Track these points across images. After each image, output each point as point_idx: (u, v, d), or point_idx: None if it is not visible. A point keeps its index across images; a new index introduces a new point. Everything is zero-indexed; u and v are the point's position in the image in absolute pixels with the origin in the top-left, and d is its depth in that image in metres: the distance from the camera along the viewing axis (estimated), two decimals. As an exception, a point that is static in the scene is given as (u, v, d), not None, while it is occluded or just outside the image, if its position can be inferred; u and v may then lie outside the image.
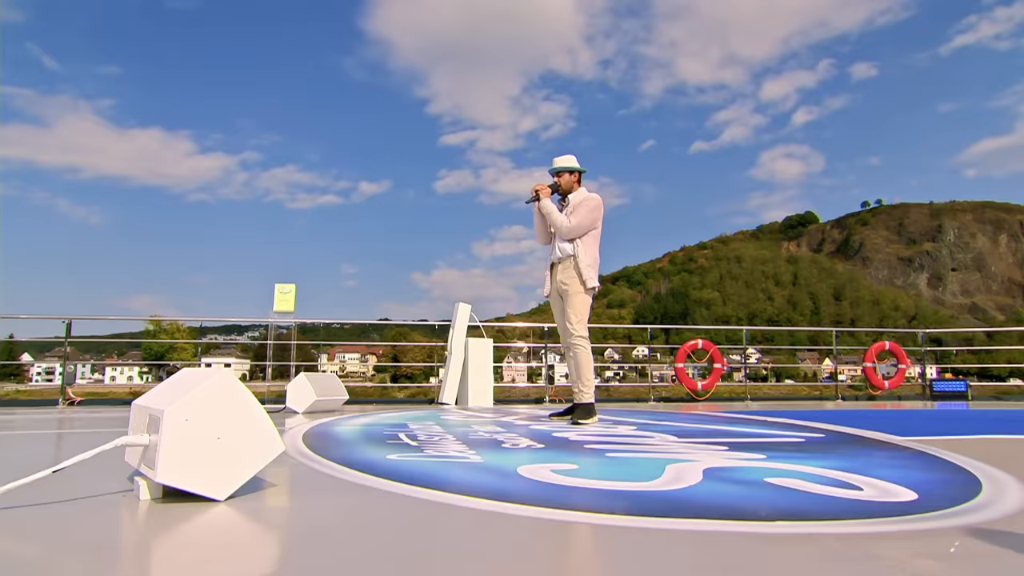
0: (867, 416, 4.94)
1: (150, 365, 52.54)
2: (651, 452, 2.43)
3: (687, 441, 2.78)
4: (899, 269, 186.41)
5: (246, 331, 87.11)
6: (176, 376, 1.78)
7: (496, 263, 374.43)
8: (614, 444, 2.73)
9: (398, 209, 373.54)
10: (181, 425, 1.47)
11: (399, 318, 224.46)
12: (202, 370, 1.66)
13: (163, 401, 1.55)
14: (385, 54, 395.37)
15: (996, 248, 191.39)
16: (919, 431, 3.34)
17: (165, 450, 1.44)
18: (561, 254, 4.18)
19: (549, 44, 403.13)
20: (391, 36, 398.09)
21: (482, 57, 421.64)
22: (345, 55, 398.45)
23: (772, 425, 3.67)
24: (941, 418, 4.84)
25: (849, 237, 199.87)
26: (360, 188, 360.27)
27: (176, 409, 1.47)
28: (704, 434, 3.11)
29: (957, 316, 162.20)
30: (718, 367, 9.00)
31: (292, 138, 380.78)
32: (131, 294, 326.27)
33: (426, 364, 64.65)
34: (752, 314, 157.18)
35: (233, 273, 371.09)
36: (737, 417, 4.45)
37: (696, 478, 1.85)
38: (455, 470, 2.03)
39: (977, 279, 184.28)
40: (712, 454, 2.35)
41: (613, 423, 3.89)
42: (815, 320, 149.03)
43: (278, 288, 6.54)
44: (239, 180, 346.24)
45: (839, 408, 6.54)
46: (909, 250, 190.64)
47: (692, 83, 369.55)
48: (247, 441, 1.56)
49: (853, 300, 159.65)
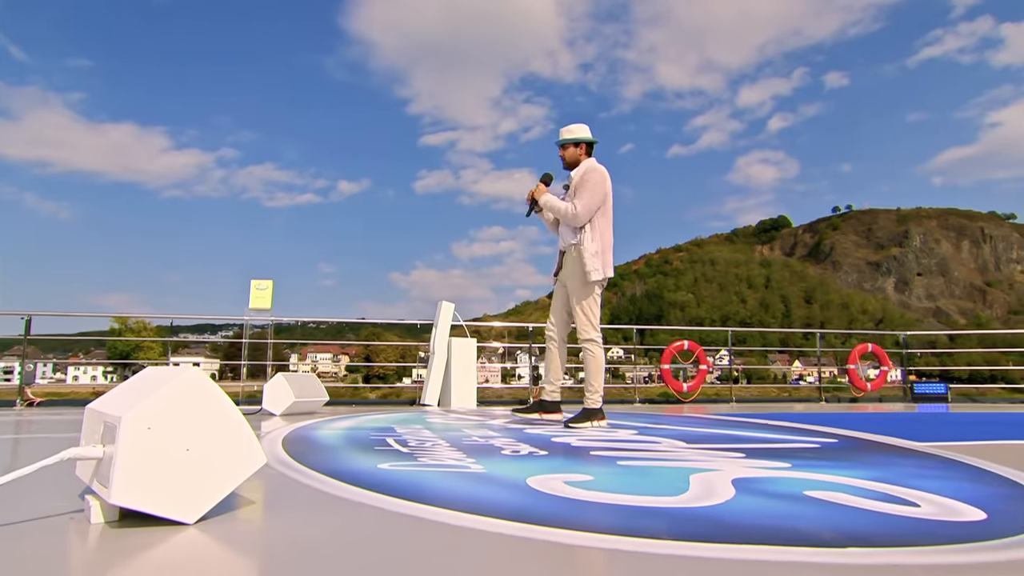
0: (869, 420, 4.85)
1: (115, 364, 50.96)
2: (665, 460, 2.25)
3: (699, 447, 2.61)
4: (867, 273, 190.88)
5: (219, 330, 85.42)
6: (139, 376, 1.53)
7: (475, 264, 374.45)
8: (622, 451, 2.54)
9: (377, 209, 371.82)
10: (142, 434, 1.23)
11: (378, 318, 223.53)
12: (168, 369, 1.41)
13: (121, 406, 1.30)
14: (366, 54, 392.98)
15: (959, 254, 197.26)
16: (932, 436, 3.21)
17: (122, 464, 1.20)
18: (564, 244, 3.82)
19: (530, 47, 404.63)
20: (372, 36, 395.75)
21: (463, 58, 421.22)
22: (326, 54, 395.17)
23: (778, 429, 3.53)
24: (946, 422, 4.76)
25: (820, 241, 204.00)
26: (339, 187, 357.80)
27: (136, 415, 1.22)
28: (713, 439, 2.94)
29: (922, 320, 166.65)
30: (703, 368, 8.90)
31: (270, 136, 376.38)
32: (101, 292, 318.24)
33: (399, 364, 64.86)
34: (725, 316, 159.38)
35: (208, 271, 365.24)
36: (738, 421, 4.31)
37: (727, 491, 1.66)
38: (457, 482, 1.82)
39: (941, 284, 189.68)
40: (731, 462, 2.18)
41: (611, 427, 3.70)
42: (786, 322, 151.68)
43: (254, 285, 6.22)
44: (215, 177, 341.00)
45: (834, 411, 6.47)
46: (877, 255, 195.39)
47: (670, 88, 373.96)
48: (222, 452, 1.32)
49: (823, 303, 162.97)
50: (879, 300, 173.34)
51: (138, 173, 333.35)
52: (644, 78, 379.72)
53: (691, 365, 9.01)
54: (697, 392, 8.84)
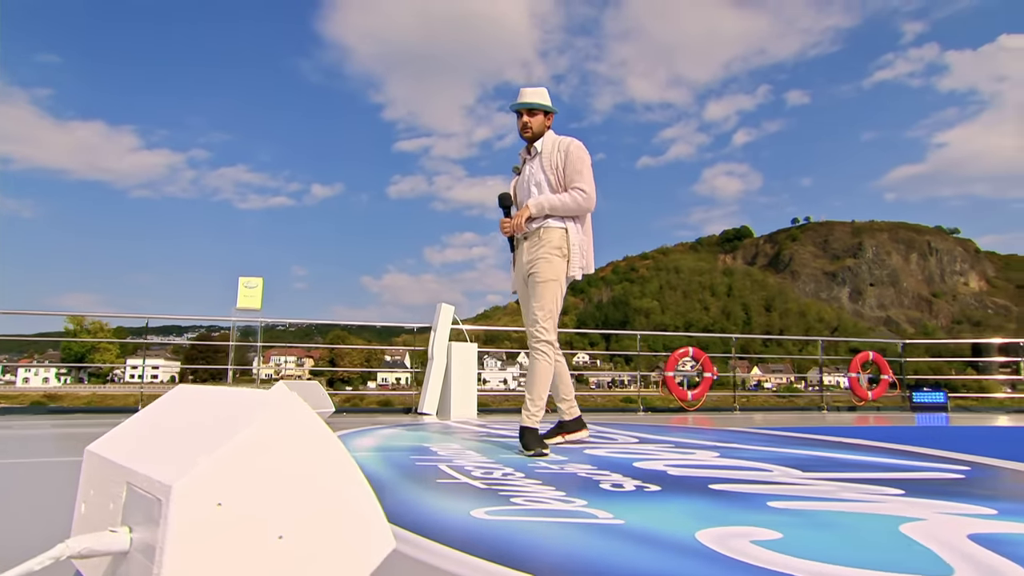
0: (936, 434, 4.49)
1: (69, 367, 48.31)
2: (822, 500, 1.76)
3: (832, 479, 2.13)
4: (824, 283, 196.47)
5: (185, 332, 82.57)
6: (175, 399, 0.96)
7: (447, 269, 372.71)
8: (741, 483, 2.04)
9: (351, 213, 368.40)
10: (207, 515, 0.68)
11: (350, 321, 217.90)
12: (237, 392, 0.85)
13: (162, 460, 0.75)
14: (342, 59, 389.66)
15: (908, 266, 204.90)
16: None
17: (176, 568, 0.65)
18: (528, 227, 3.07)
19: (504, 57, 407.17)
20: (348, 41, 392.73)
21: (438, 66, 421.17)
22: (302, 58, 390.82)
23: (870, 450, 3.09)
24: (1009, 437, 4.43)
25: (780, 251, 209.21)
26: (313, 190, 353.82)
27: (196, 484, 0.67)
28: (825, 465, 2.48)
29: (874, 328, 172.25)
30: (708, 376, 8.54)
31: (243, 138, 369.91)
32: (64, 292, 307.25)
33: (364, 369, 63.18)
34: (688, 323, 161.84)
35: (177, 272, 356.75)
36: (804, 438, 3.86)
37: (991, 560, 1.18)
38: (600, 541, 1.30)
39: (891, 294, 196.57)
40: (913, 505, 1.71)
41: (676, 445, 3.22)
42: (747, 329, 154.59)
43: (242, 283, 5.57)
44: (186, 178, 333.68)
45: (878, 424, 6.14)
46: (833, 265, 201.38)
47: (640, 101, 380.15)
48: (332, 536, 0.78)
49: (782, 311, 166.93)
50: (834, 309, 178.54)
51: (105, 172, 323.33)
52: (615, 91, 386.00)
53: (695, 373, 8.65)
54: (702, 400, 8.47)
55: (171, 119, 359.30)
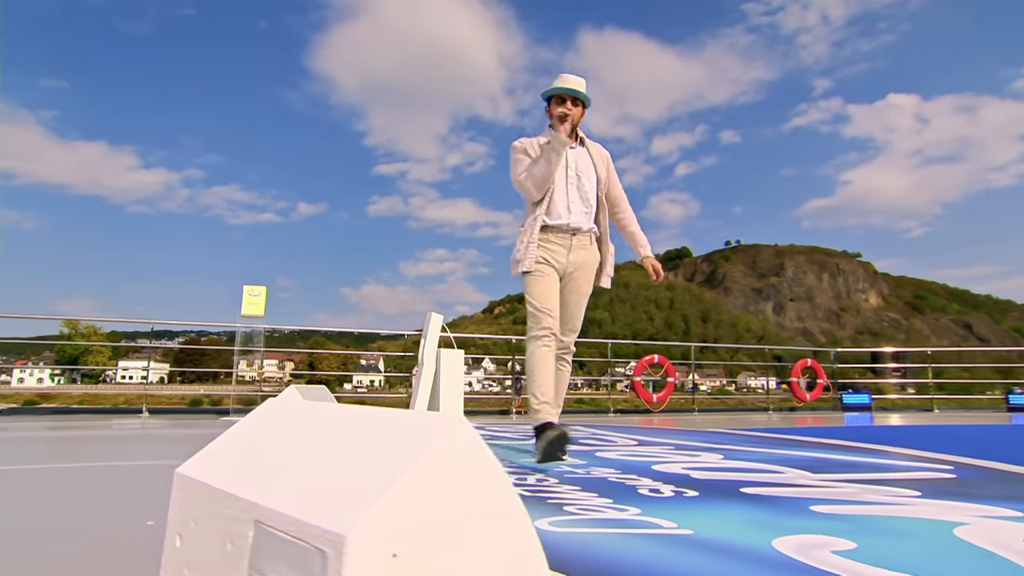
0: (899, 433, 4.48)
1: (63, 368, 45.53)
2: (856, 501, 1.65)
3: (845, 480, 2.02)
4: (752, 298, 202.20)
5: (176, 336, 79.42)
6: (278, 414, 0.76)
7: (420, 281, 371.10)
8: (766, 485, 1.92)
9: (333, 229, 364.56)
10: (385, 569, 0.49)
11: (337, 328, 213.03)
12: (370, 412, 0.67)
13: (304, 494, 0.56)
14: (328, 90, 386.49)
15: (821, 284, 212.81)
16: (1015, 456, 2.79)
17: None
18: (593, 226, 2.75)
19: (475, 93, 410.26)
20: (335, 75, 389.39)
21: (416, 100, 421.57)
22: (290, 89, 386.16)
23: (846, 450, 3.02)
24: (955, 435, 4.46)
25: (715, 270, 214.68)
26: (298, 208, 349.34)
27: (374, 532, 0.49)
28: (827, 465, 2.38)
29: (793, 338, 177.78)
30: (671, 381, 8.51)
31: (235, 159, 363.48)
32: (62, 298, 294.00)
33: (341, 373, 61.71)
34: (635, 332, 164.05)
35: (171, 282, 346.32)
36: (785, 439, 3.79)
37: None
38: (673, 554, 1.14)
39: (807, 308, 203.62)
40: (940, 507, 1.61)
41: (676, 448, 3.09)
42: (686, 338, 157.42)
43: (247, 291, 5.23)
44: (181, 195, 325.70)
45: (830, 424, 6.16)
46: (760, 283, 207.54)
47: (595, 135, 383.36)
48: None
49: (716, 322, 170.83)
50: (760, 321, 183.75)
51: (104, 188, 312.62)
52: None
53: (659, 378, 8.60)
54: (666, 403, 8.43)
55: (169, 140, 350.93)
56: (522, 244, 2.64)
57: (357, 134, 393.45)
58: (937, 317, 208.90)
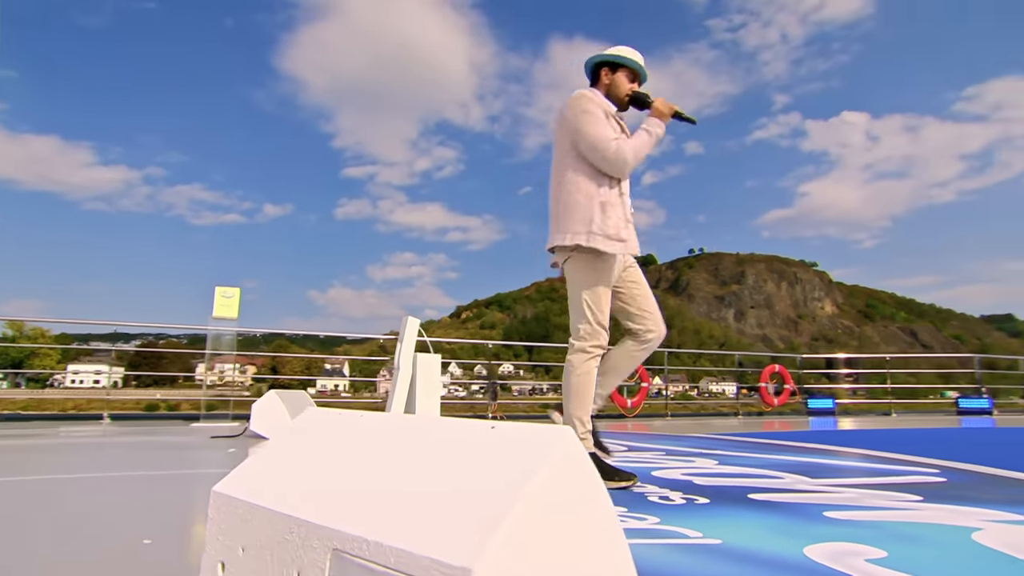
0: (873, 437, 4.59)
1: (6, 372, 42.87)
2: (867, 507, 1.66)
3: (845, 485, 2.04)
4: (714, 305, 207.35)
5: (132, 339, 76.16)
6: (324, 427, 0.70)
7: (388, 285, 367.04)
8: (780, 492, 1.92)
9: (299, 231, 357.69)
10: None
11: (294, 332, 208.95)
12: (473, 427, 0.61)
13: (391, 519, 0.50)
14: (296, 90, 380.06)
15: (779, 292, 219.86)
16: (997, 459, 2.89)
17: None
18: (629, 208, 2.42)
19: (445, 97, 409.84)
20: (303, 75, 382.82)
21: (385, 102, 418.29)
22: (257, 88, 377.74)
23: (830, 454, 3.08)
24: (953, 439, 4.61)
25: (679, 277, 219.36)
26: (264, 209, 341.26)
27: (498, 565, 0.44)
28: (822, 471, 2.40)
29: (753, 344, 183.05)
30: (644, 386, 8.59)
31: (199, 158, 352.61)
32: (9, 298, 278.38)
33: (305, 377, 61.03)
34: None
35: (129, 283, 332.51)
36: (768, 443, 3.84)
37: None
38: (721, 565, 1.11)
39: (767, 315, 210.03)
40: (945, 511, 1.63)
41: (667, 453, 3.09)
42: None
43: (219, 292, 5.02)
44: (141, 193, 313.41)
45: (800, 429, 6.29)
46: (722, 290, 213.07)
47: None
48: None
49: (680, 328, 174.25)
50: (722, 327, 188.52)
51: (58, 184, 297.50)
52: (542, 132, 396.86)
53: (634, 383, 8.67)
54: (639, 408, 8.50)
55: (127, 137, 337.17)
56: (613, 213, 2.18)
57: (325, 135, 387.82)
58: (886, 324, 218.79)
